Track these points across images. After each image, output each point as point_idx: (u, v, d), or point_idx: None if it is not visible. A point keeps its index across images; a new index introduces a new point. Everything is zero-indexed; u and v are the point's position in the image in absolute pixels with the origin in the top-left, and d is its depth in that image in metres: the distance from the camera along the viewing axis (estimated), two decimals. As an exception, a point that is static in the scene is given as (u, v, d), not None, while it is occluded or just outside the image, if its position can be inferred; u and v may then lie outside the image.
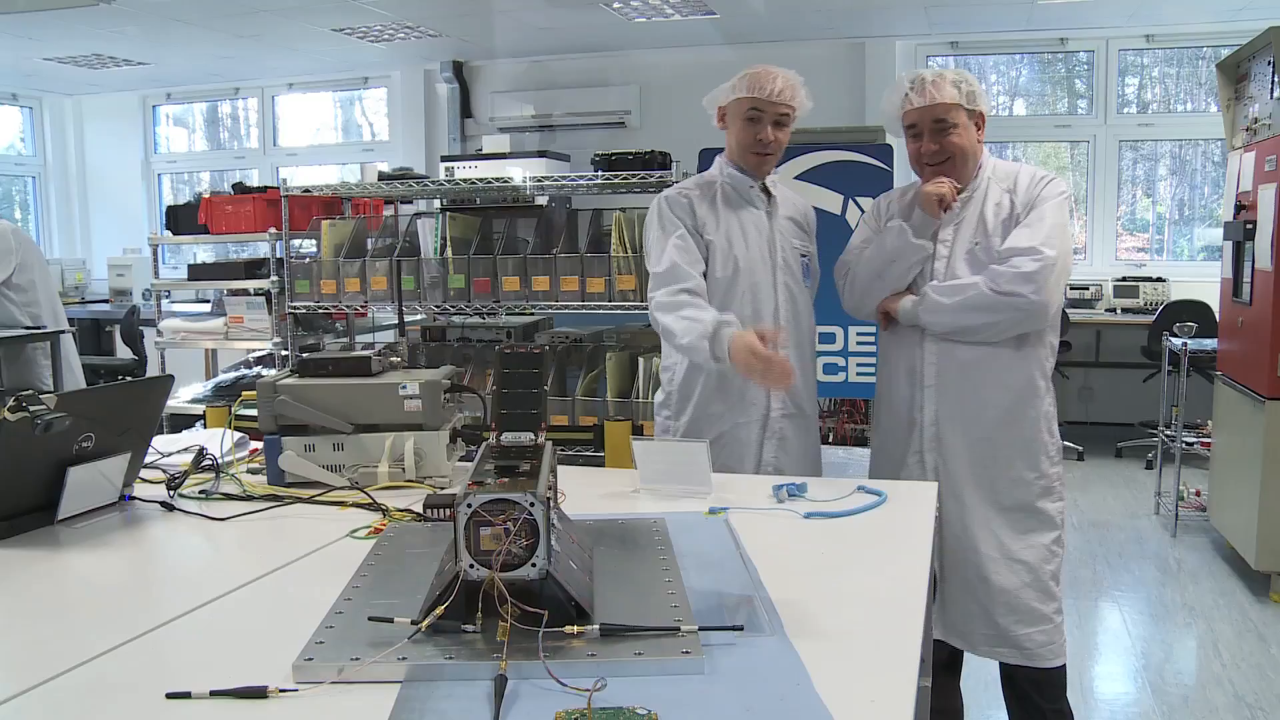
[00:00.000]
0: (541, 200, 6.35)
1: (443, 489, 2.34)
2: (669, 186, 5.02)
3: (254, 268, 6.15)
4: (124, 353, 9.06)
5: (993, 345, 2.94)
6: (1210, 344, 6.08)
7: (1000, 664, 3.11)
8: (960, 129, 2.96)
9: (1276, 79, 4.82)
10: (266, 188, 6.55)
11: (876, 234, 3.11)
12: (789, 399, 3.15)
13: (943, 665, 3.19)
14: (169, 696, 1.28)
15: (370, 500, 2.24)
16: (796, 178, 4.64)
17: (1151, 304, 8.14)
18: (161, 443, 2.66)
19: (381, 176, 6.11)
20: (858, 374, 4.71)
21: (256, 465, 2.53)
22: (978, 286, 2.87)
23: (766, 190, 3.21)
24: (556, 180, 5.49)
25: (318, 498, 2.30)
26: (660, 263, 3.08)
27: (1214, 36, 8.33)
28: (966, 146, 2.97)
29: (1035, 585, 2.97)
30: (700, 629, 1.44)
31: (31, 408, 1.95)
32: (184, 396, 6.11)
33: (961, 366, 2.97)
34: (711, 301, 3.03)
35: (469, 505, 1.40)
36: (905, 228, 2.98)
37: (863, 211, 4.57)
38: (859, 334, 4.67)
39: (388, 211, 6.70)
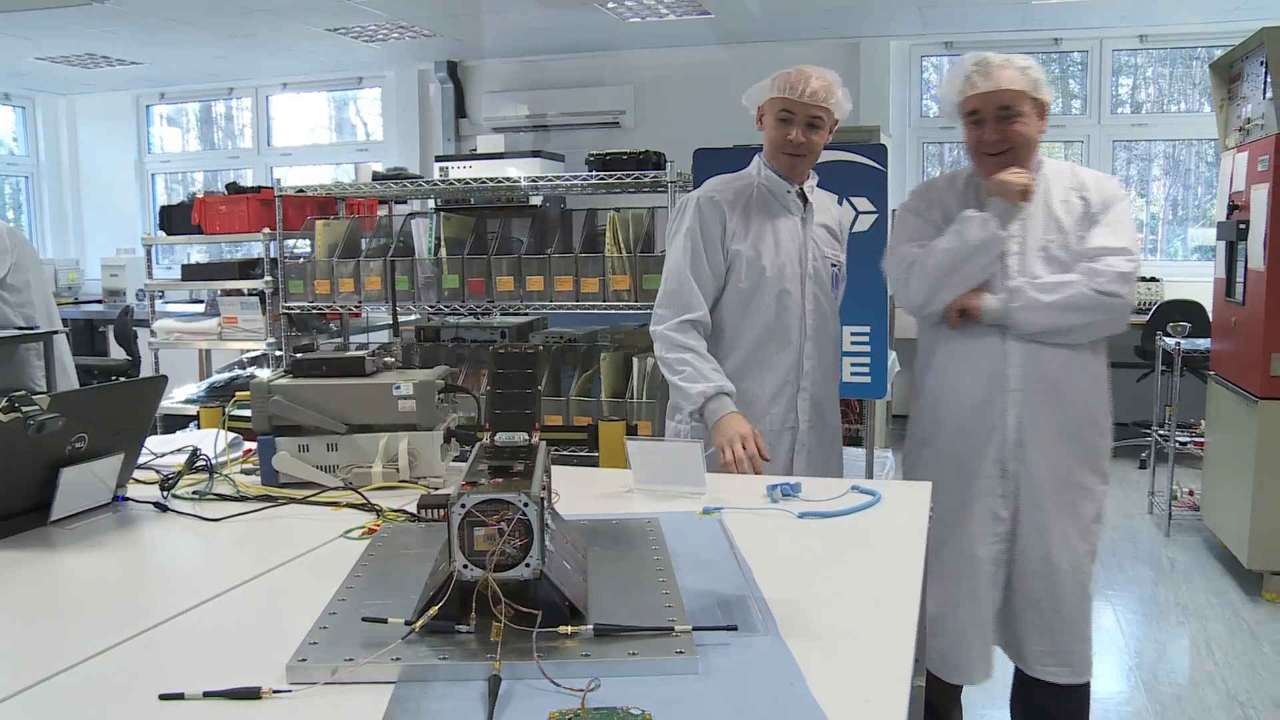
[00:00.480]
0: (536, 200, 6.36)
1: (437, 489, 2.34)
2: (664, 186, 5.09)
3: (248, 268, 6.16)
4: (117, 353, 9.05)
5: (1074, 348, 2.87)
6: (1203, 344, 6.08)
7: (1019, 682, 3.09)
8: (1025, 118, 2.82)
9: (1269, 79, 4.83)
10: (260, 188, 6.55)
11: (932, 225, 2.98)
12: (814, 411, 3.14)
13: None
14: (162, 698, 1.28)
15: (364, 501, 2.23)
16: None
17: (1145, 304, 8.15)
18: (155, 443, 2.65)
19: (376, 176, 6.12)
20: (852, 374, 4.70)
21: (250, 466, 2.52)
22: (1079, 286, 2.78)
23: (804, 196, 3.15)
24: (551, 180, 5.50)
25: (311, 498, 2.29)
26: (672, 276, 3.08)
27: (1207, 37, 8.34)
28: (1030, 136, 2.85)
29: (1086, 598, 2.95)
30: (694, 629, 1.44)
31: (24, 408, 1.95)
32: (178, 397, 6.11)
33: (1048, 369, 2.86)
34: (732, 310, 3.06)
35: (463, 505, 1.39)
36: (990, 218, 2.85)
37: (856, 211, 4.58)
38: (853, 333, 4.66)
39: (382, 212, 6.71)
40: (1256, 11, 7.37)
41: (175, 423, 5.59)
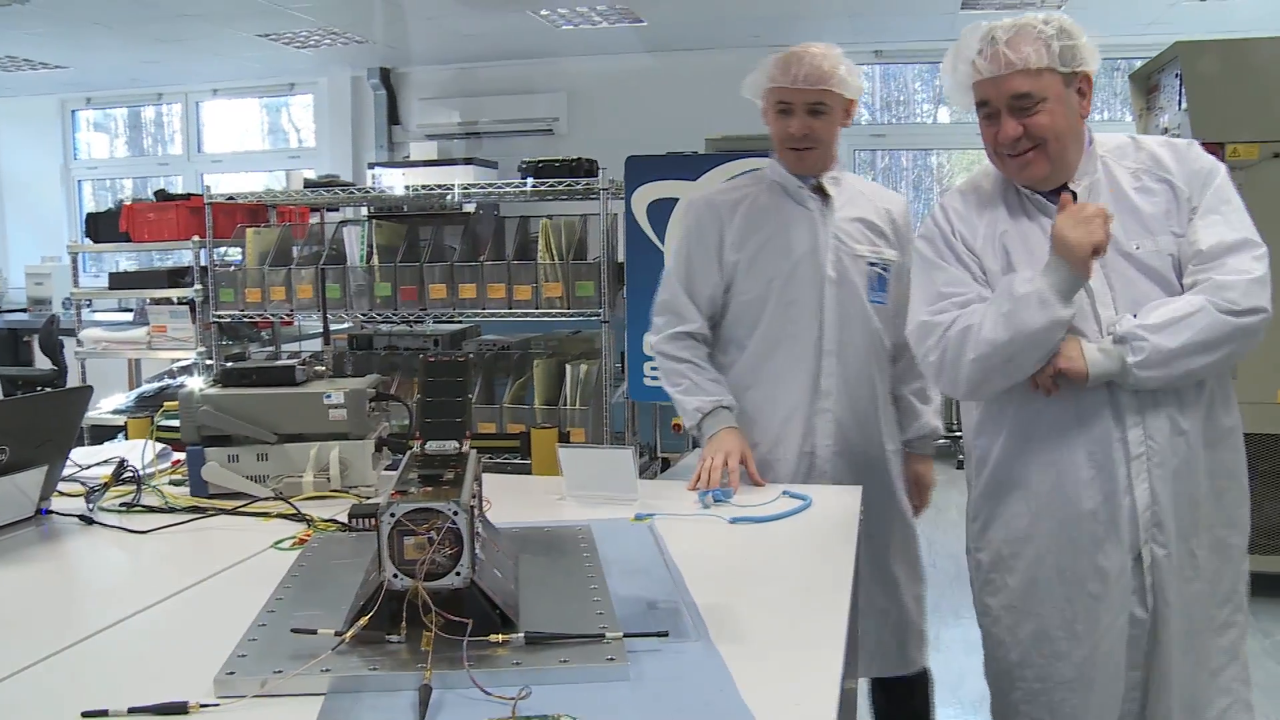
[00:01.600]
0: (469, 208, 6.34)
1: (368, 499, 2.33)
2: (596, 194, 5.09)
3: (177, 276, 6.07)
4: (43, 363, 8.87)
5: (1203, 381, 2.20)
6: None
7: None
8: (1051, 104, 2.16)
9: (1183, 91, 4.95)
10: (190, 195, 6.47)
11: (963, 266, 2.32)
12: (840, 435, 2.77)
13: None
14: (85, 715, 1.26)
15: (295, 511, 2.22)
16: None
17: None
18: (81, 455, 2.62)
19: (307, 184, 6.06)
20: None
21: (179, 477, 2.49)
22: (1208, 312, 2.07)
23: (822, 190, 2.79)
24: (484, 187, 5.48)
25: (241, 509, 2.27)
26: (665, 285, 2.87)
27: (1127, 49, 8.49)
28: (1060, 128, 2.18)
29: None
30: (625, 635, 1.45)
31: (-56, 421, 1.91)
32: (105, 407, 6.01)
33: (1176, 419, 2.18)
34: (738, 322, 2.80)
35: (392, 515, 1.39)
36: (1049, 298, 2.11)
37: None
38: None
39: (314, 219, 6.65)
40: (1172, 25, 7.56)
41: (103, 433, 5.50)
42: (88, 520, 2.20)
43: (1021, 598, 2.30)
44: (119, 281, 6.51)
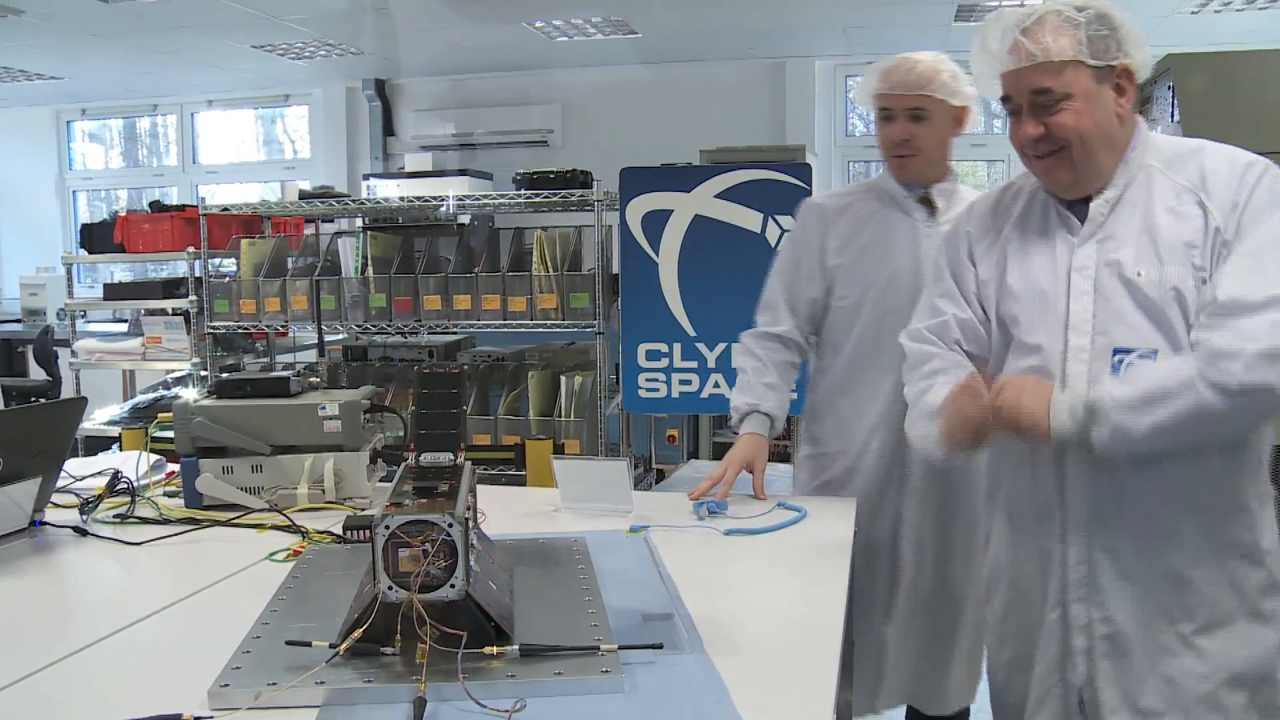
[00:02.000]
0: (464, 219, 6.35)
1: (363, 510, 2.33)
2: (591, 205, 5.10)
3: (172, 287, 6.06)
4: (37, 374, 8.86)
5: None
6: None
7: None
8: (1079, 101, 1.91)
9: (1176, 103, 4.97)
10: (185, 206, 6.47)
11: (945, 270, 2.24)
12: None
13: None
14: (80, 726, 1.26)
15: (289, 522, 2.22)
16: (717, 196, 4.67)
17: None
18: (75, 466, 2.61)
19: (302, 195, 6.06)
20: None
21: (173, 488, 2.49)
22: (1192, 388, 1.77)
23: (929, 201, 2.73)
24: (478, 199, 5.49)
25: (236, 520, 2.27)
26: (768, 284, 2.85)
27: (1123, 59, 8.54)
28: (1086, 129, 1.92)
29: None
30: (620, 648, 1.45)
31: (-62, 432, 1.91)
32: (100, 418, 5.99)
33: (1126, 489, 1.95)
34: (838, 326, 2.74)
35: (387, 527, 1.39)
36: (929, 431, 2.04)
37: (783, 230, 4.60)
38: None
39: (308, 230, 6.65)
40: (1165, 38, 7.59)
41: (97, 444, 5.49)
42: (82, 532, 2.20)
43: (1000, 621, 2.24)
44: (114, 292, 6.51)
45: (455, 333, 5.88)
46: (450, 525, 1.40)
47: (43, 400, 7.71)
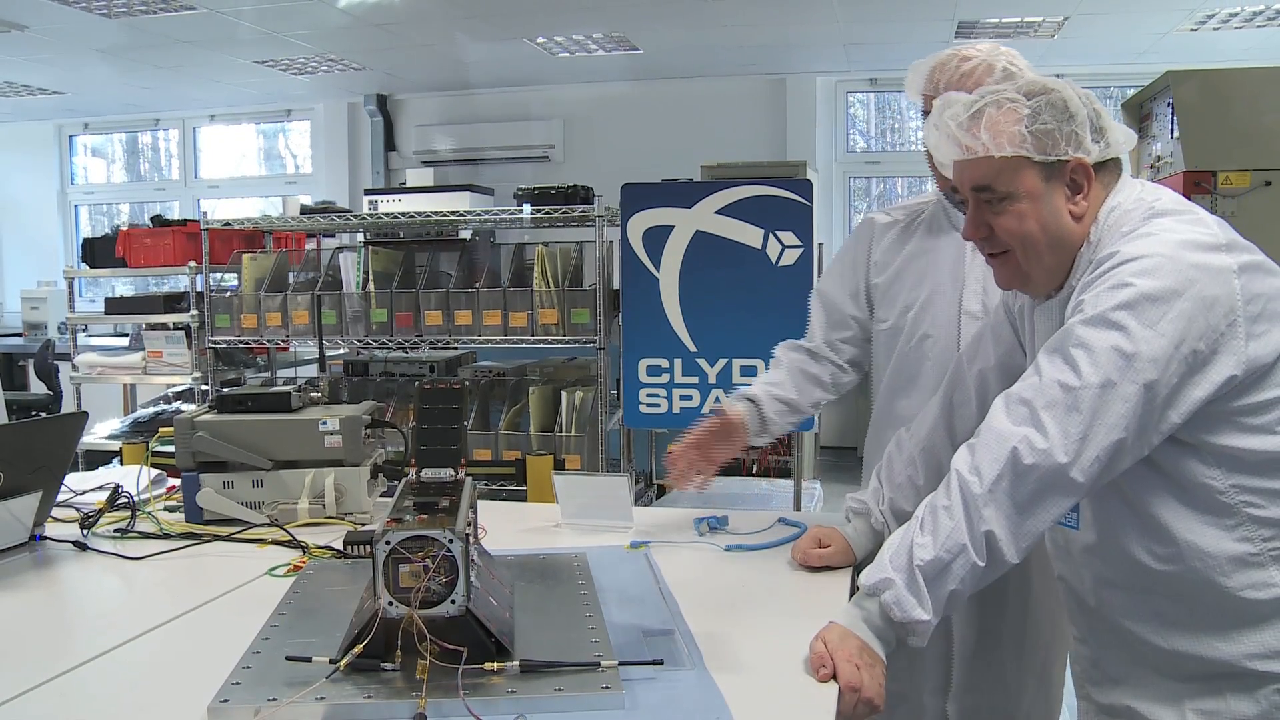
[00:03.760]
0: (465, 234, 6.36)
1: (364, 525, 2.33)
2: (592, 220, 5.11)
3: (173, 301, 6.07)
4: (38, 388, 8.87)
5: None
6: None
7: None
8: (1023, 202, 1.68)
9: (1175, 119, 4.99)
10: (186, 220, 6.49)
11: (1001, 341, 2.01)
12: None
13: None
14: (80, 741, 1.26)
15: (290, 538, 2.21)
16: (718, 212, 4.68)
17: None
18: (75, 480, 2.61)
19: (304, 210, 6.08)
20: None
21: (174, 503, 2.49)
22: (957, 512, 1.56)
23: None
24: (480, 214, 5.50)
25: (236, 535, 2.27)
26: (812, 300, 2.61)
27: (1119, 77, 8.55)
28: (1030, 234, 1.69)
29: None
30: (620, 664, 1.45)
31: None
32: (100, 433, 6.00)
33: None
34: (880, 349, 2.49)
35: (387, 542, 1.39)
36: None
37: (783, 245, 4.61)
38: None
39: (310, 245, 6.66)
40: (1164, 54, 7.64)
41: (98, 459, 5.49)
42: (82, 546, 2.19)
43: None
44: (115, 307, 6.51)
45: (456, 348, 5.89)
46: (451, 541, 1.40)
47: (43, 414, 7.72)
